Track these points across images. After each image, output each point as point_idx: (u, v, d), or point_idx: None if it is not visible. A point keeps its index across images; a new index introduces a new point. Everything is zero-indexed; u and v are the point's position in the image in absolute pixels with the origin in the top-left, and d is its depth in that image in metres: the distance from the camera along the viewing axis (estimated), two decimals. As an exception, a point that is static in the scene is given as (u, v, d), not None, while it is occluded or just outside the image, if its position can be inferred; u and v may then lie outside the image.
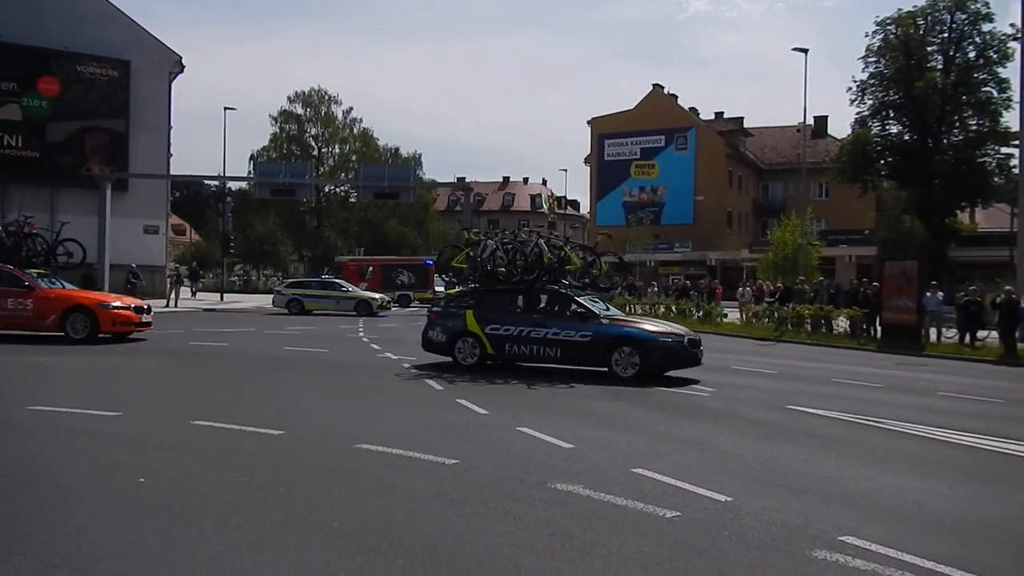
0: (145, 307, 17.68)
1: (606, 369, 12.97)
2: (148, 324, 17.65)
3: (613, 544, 4.84)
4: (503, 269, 14.26)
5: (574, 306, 13.58)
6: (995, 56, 43.78)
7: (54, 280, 17.68)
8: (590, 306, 13.64)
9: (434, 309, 15.05)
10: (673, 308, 31.78)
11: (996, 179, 44.30)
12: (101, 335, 16.45)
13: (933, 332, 22.49)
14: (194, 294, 40.56)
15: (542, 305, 13.93)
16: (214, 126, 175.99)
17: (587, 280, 15.04)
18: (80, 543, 4.70)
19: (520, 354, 13.61)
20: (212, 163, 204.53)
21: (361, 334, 21.68)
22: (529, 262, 14.19)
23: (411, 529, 5.03)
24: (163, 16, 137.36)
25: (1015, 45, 38.99)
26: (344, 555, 4.59)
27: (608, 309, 14.25)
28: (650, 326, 13.67)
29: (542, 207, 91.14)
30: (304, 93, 71.92)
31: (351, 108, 74.10)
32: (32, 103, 36.27)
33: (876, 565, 4.57)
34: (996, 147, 44.28)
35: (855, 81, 47.02)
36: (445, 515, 5.33)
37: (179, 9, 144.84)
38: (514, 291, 14.27)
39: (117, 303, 17.18)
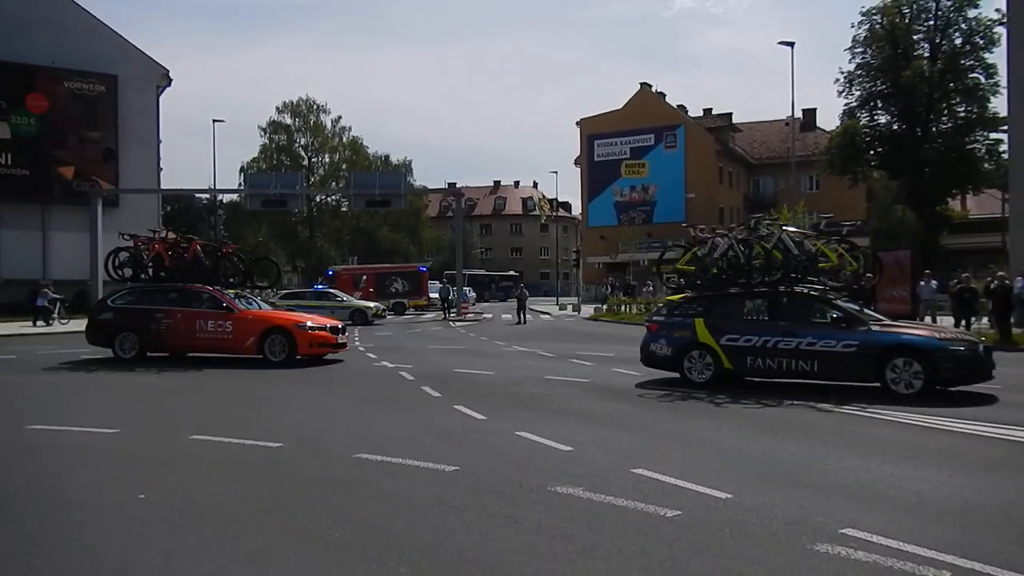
0: (340, 327, 16.88)
1: (877, 385, 11.10)
2: (344, 345, 16.82)
3: (614, 545, 4.84)
4: (729, 270, 12.71)
5: (832, 310, 11.74)
6: (981, 42, 43.87)
7: (251, 300, 17.29)
8: (853, 310, 11.91)
9: (655, 318, 13.37)
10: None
11: (986, 165, 44.39)
12: (299, 357, 15.73)
13: (928, 320, 22.53)
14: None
15: (791, 310, 12.06)
16: (204, 136, 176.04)
17: (844, 279, 13.11)
18: (83, 560, 4.70)
19: (765, 368, 11.80)
20: (203, 174, 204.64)
21: (357, 343, 21.64)
22: (771, 260, 12.43)
23: (412, 537, 5.02)
24: (148, 28, 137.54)
25: (1001, 30, 39.08)
26: (345, 565, 4.58)
27: (861, 312, 12.27)
28: (929, 332, 11.83)
29: (534, 210, 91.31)
30: (292, 103, 71.94)
31: (340, 116, 74.37)
32: (21, 121, 36.18)
33: (878, 556, 4.57)
34: (985, 133, 44.33)
35: (842, 72, 47.11)
36: (445, 522, 5.33)
37: (164, 20, 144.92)
38: (755, 295, 12.45)
39: (311, 323, 16.31)
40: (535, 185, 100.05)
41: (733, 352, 11.96)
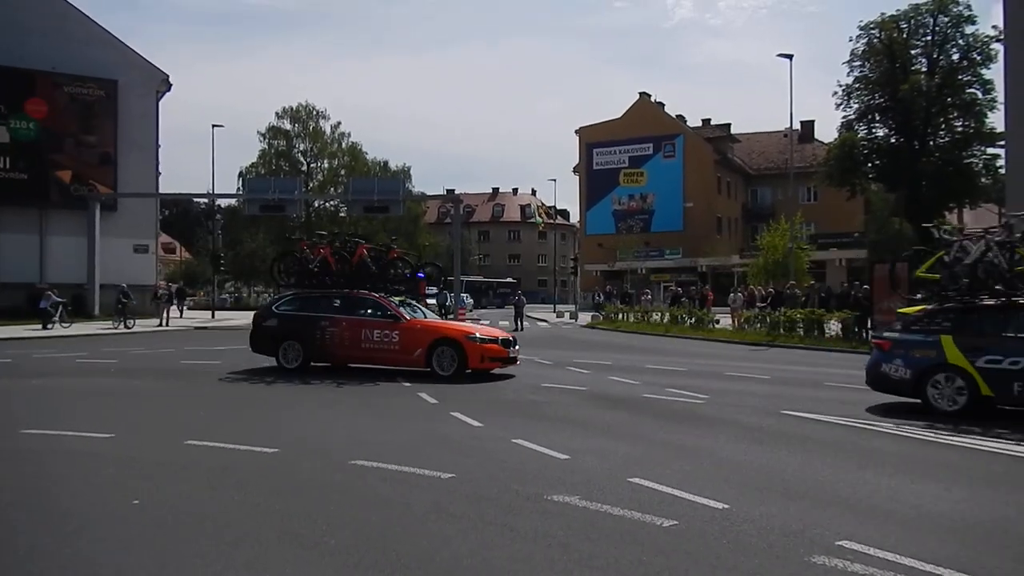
0: (512, 340, 15.36)
1: None
2: (515, 360, 15.16)
3: (611, 555, 4.83)
4: (986, 279, 10.96)
5: None
6: (978, 58, 44.14)
7: (416, 308, 16.12)
8: None
9: (887, 335, 11.53)
10: (667, 315, 31.85)
11: (983, 180, 44.62)
12: (468, 371, 14.36)
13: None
14: (181, 314, 40.16)
15: None
16: (203, 142, 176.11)
17: None
18: (78, 567, 4.68)
19: None
20: (202, 180, 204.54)
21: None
22: None
23: (408, 544, 5.01)
24: (149, 34, 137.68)
25: (998, 46, 39.25)
26: (341, 571, 4.57)
27: None
28: None
29: (532, 217, 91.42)
30: (292, 109, 71.83)
31: (339, 123, 74.17)
32: (20, 125, 36.12)
33: (875, 569, 4.56)
34: (982, 148, 44.60)
35: (840, 85, 47.38)
36: (442, 529, 5.31)
37: (165, 27, 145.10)
38: (1021, 308, 10.48)
39: (479, 335, 14.83)
40: (533, 192, 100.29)
41: (994, 376, 10.02)
